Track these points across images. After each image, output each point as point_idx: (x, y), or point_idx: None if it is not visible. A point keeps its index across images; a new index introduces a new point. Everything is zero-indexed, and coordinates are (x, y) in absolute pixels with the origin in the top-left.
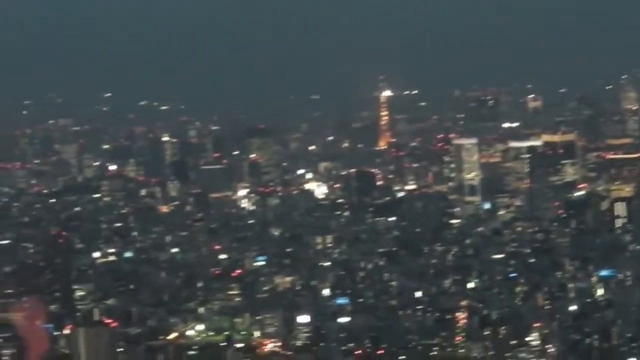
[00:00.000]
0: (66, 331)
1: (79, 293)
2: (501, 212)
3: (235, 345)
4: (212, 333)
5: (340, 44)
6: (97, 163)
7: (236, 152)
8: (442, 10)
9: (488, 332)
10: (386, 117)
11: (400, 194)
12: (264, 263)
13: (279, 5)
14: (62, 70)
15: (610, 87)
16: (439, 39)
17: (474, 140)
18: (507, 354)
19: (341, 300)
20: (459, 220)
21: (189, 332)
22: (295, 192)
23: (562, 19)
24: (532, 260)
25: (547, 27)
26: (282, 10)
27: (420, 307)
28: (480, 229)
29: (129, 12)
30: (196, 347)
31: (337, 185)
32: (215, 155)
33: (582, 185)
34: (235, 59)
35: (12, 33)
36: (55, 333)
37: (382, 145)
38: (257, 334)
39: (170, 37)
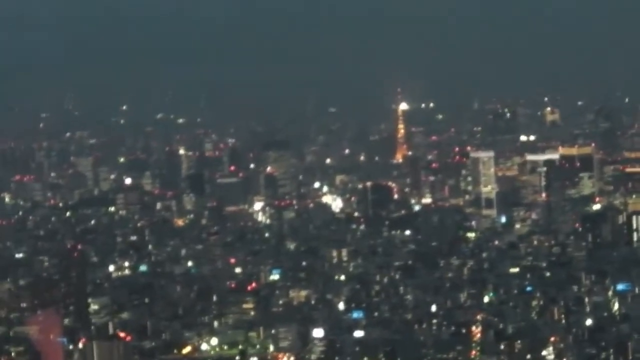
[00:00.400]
0: (80, 345)
1: (94, 306)
2: (517, 226)
3: (249, 359)
4: (226, 347)
5: (357, 56)
6: (113, 176)
7: (252, 165)
8: (458, 23)
9: (504, 346)
10: (403, 130)
11: (417, 208)
12: (279, 276)
13: (297, 20)
14: (79, 83)
15: (628, 99)
16: (455, 52)
17: (490, 153)
18: None
19: (356, 314)
20: (475, 234)
21: (204, 346)
22: (311, 205)
23: (580, 33)
24: (548, 274)
25: (564, 39)
26: (300, 24)
27: (436, 321)
28: (496, 242)
29: (144, 25)
30: None
31: (353, 199)
32: (231, 168)
33: (599, 199)
34: (252, 71)
35: (30, 48)
36: (69, 346)
37: (398, 158)
38: (271, 348)
39: (187, 50)
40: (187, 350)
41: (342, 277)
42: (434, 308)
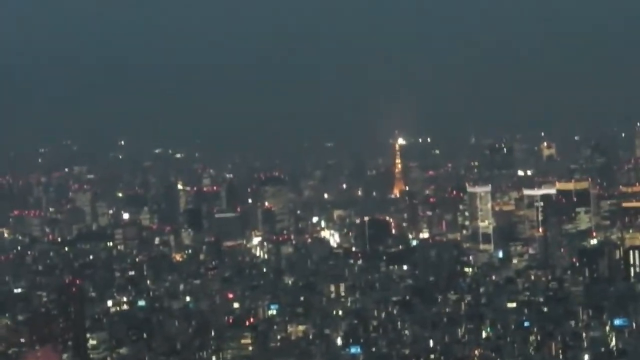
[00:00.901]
0: None
1: (92, 342)
2: (515, 261)
3: None
4: None
5: (355, 92)
6: (111, 211)
7: (250, 200)
8: (456, 60)
9: None
10: (400, 165)
11: (414, 242)
12: (277, 311)
13: (294, 53)
14: (78, 118)
15: (624, 134)
16: (452, 88)
17: (487, 188)
18: None
19: (354, 349)
20: (472, 269)
21: None
22: (309, 240)
23: (576, 68)
24: (546, 309)
25: (561, 75)
26: (296, 58)
27: (434, 356)
28: (493, 277)
29: (142, 62)
30: None
31: (351, 233)
32: (229, 203)
33: (596, 234)
34: (250, 106)
35: (28, 82)
36: None
37: (396, 193)
38: None
39: (183, 85)
40: None
41: (340, 312)
42: (431, 343)
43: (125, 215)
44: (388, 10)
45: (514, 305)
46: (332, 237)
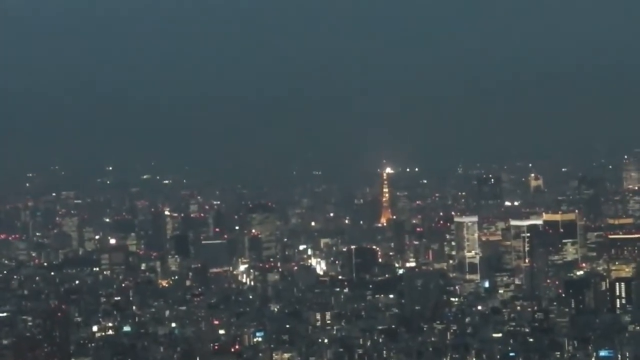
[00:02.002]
0: None
1: None
2: (501, 291)
3: None
4: None
5: (343, 121)
6: (98, 236)
7: (237, 227)
8: (442, 92)
9: None
10: (387, 194)
11: (401, 271)
12: (262, 339)
13: (282, 81)
14: (66, 144)
15: (612, 166)
16: (440, 118)
17: (474, 218)
18: None
19: None
20: (458, 298)
21: None
22: (296, 268)
23: (565, 100)
24: (531, 340)
25: (549, 106)
26: (285, 87)
27: None
28: (479, 307)
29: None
30: None
31: (338, 262)
32: (216, 230)
33: (582, 265)
34: (237, 134)
35: (16, 107)
36: None
37: (383, 222)
38: None
39: (172, 113)
40: None
41: (326, 340)
42: None
43: (112, 241)
44: (376, 40)
45: (499, 335)
46: (319, 265)
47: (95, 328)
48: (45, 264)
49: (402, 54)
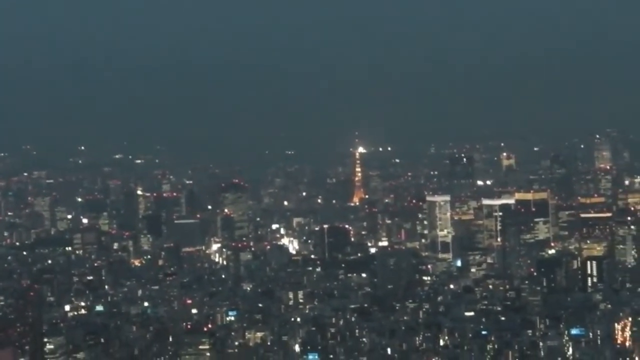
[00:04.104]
0: None
1: (50, 346)
2: (473, 270)
3: None
4: None
5: (315, 99)
6: (70, 216)
7: (209, 207)
8: (415, 70)
9: None
10: (360, 174)
11: (373, 250)
12: (235, 318)
13: (258, 61)
14: (37, 123)
15: (584, 146)
16: (413, 98)
17: (447, 198)
18: None
19: (312, 357)
20: (430, 277)
21: None
22: (268, 247)
23: (537, 78)
24: (503, 318)
25: (521, 86)
26: (259, 66)
27: None
28: (451, 286)
29: (104, 67)
30: None
31: (310, 241)
32: (189, 209)
33: (554, 244)
34: (211, 114)
35: None
36: None
37: (355, 201)
38: None
39: (145, 89)
40: None
41: (298, 319)
42: (389, 351)
43: (85, 220)
44: (354, 21)
45: (471, 314)
46: (291, 245)
47: (67, 307)
48: (17, 243)
49: (372, 32)
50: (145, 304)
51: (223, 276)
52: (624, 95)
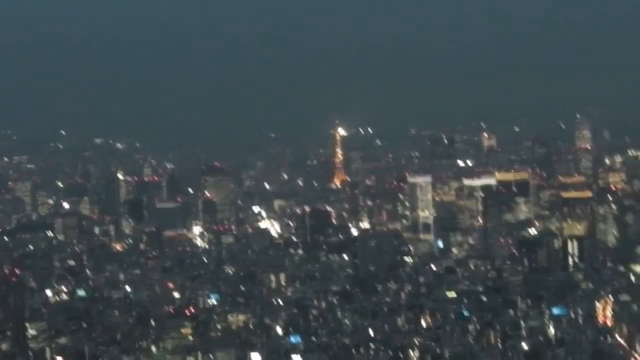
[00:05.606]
0: None
1: (31, 332)
2: (454, 250)
3: None
4: None
5: (296, 81)
6: (52, 201)
7: (191, 191)
8: (395, 49)
9: None
10: (341, 156)
11: (355, 232)
12: (217, 301)
13: (235, 45)
14: (17, 107)
15: (564, 126)
16: (393, 79)
17: (428, 179)
18: None
19: (294, 339)
20: (412, 259)
21: None
22: (250, 230)
23: (516, 59)
24: (485, 299)
25: (501, 66)
26: (238, 49)
27: (373, 345)
28: (433, 267)
29: (83, 48)
30: None
31: (292, 224)
32: (170, 193)
33: (535, 224)
34: (191, 96)
35: None
36: None
37: (336, 183)
38: None
39: (125, 74)
40: None
41: (280, 302)
42: (371, 332)
43: (66, 205)
44: (333, 4)
45: (453, 294)
46: (273, 227)
47: (49, 293)
48: None
49: (352, 14)
50: (127, 288)
51: (205, 260)
52: (607, 77)
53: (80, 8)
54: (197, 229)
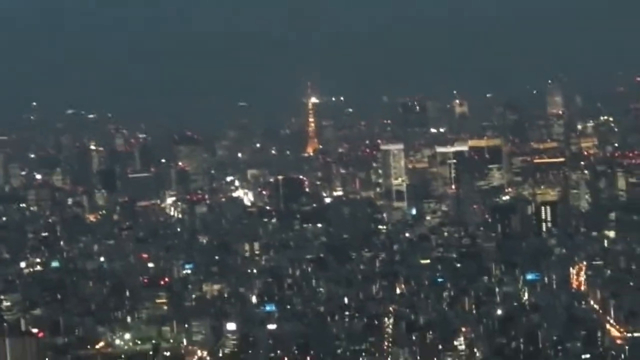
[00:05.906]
0: None
1: (6, 303)
2: (428, 218)
3: (162, 353)
4: (140, 342)
5: (267, 50)
6: (24, 172)
7: (163, 160)
8: (366, 16)
9: (415, 337)
10: (313, 124)
11: (328, 200)
12: (191, 271)
13: (208, 13)
14: None
15: (536, 92)
16: (365, 46)
17: (400, 146)
18: (434, 359)
19: (269, 308)
20: (386, 226)
21: (117, 341)
22: (223, 199)
23: (487, 25)
24: (459, 265)
25: (472, 33)
26: (210, 18)
27: (348, 313)
28: (407, 234)
29: (56, 19)
30: (124, 356)
31: (265, 192)
32: (143, 163)
33: (508, 190)
34: (162, 66)
35: None
36: None
37: (309, 151)
38: (185, 342)
39: (96, 44)
40: (100, 345)
41: (255, 271)
42: (346, 300)
43: (38, 177)
44: None
45: (427, 261)
46: (246, 196)
47: (23, 264)
48: None
49: None
50: (101, 259)
51: (178, 229)
52: (576, 42)
53: None
54: (170, 199)
